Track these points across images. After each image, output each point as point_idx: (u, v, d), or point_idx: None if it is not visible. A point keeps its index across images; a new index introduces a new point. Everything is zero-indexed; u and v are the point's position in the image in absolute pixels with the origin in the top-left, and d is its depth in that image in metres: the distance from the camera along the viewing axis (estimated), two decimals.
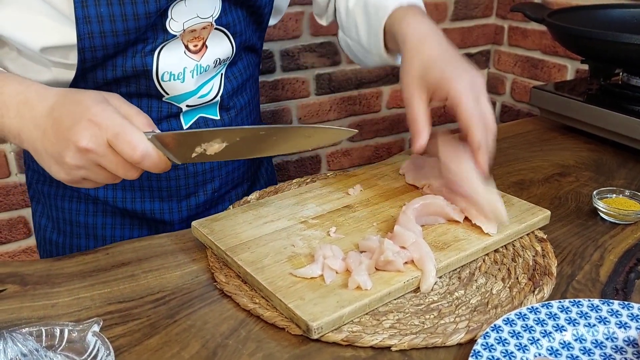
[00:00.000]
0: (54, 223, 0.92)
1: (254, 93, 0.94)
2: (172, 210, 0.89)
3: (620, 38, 0.96)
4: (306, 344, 0.57)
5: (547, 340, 0.54)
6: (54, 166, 0.61)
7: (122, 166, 0.60)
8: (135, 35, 0.72)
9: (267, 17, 0.87)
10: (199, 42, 0.78)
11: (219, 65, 0.82)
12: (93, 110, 0.58)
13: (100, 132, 0.58)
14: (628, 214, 0.78)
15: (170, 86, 0.78)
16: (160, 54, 0.76)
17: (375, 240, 0.66)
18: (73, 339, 0.54)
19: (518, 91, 1.94)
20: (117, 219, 0.89)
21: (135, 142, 0.58)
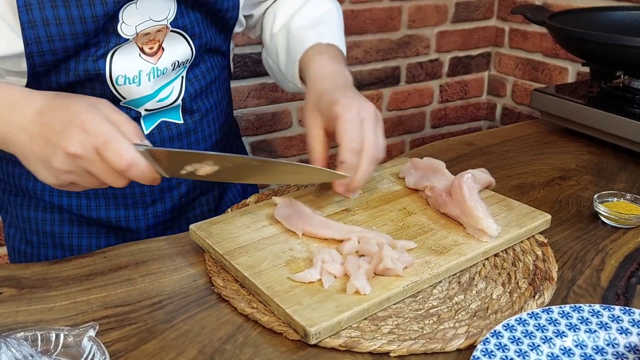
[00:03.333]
0: (21, 233, 0.90)
1: (221, 96, 0.92)
2: (138, 218, 0.87)
3: (621, 41, 0.96)
4: (304, 349, 0.56)
5: (547, 346, 0.54)
6: (41, 170, 0.61)
7: (109, 174, 0.60)
8: (84, 39, 0.70)
9: (232, 20, 0.85)
10: (154, 44, 0.76)
11: (178, 67, 0.81)
12: (83, 117, 0.58)
13: (89, 139, 0.58)
14: (629, 218, 0.78)
15: (126, 90, 0.76)
16: (114, 58, 0.74)
17: (374, 244, 0.66)
18: (69, 343, 0.54)
19: (519, 93, 1.93)
20: (83, 228, 0.88)
21: (123, 151, 0.58)
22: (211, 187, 0.95)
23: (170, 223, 0.91)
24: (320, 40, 0.84)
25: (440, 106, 2.00)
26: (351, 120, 0.69)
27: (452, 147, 1.10)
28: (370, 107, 0.72)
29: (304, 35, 0.85)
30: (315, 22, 0.88)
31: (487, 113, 2.10)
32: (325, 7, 0.91)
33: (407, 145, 2.00)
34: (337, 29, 0.90)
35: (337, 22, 0.91)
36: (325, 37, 0.85)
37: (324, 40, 0.84)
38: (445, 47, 1.92)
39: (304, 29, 0.86)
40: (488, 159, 1.04)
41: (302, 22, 0.88)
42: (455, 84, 2.00)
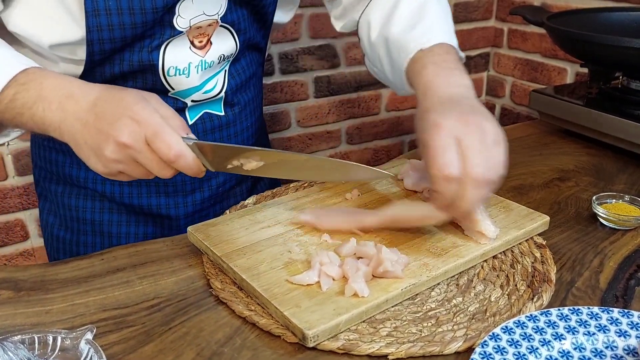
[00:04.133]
0: (60, 220, 0.93)
1: (257, 91, 0.95)
2: (178, 205, 0.90)
3: (620, 42, 0.95)
4: (302, 352, 0.56)
5: (546, 349, 0.54)
6: (92, 158, 0.63)
7: (157, 164, 0.62)
8: (142, 30, 0.73)
9: (270, 16, 0.88)
10: (204, 38, 0.79)
11: (223, 61, 0.83)
12: (134, 108, 0.61)
13: (139, 130, 0.60)
14: (628, 219, 0.78)
15: (176, 81, 0.79)
16: (167, 50, 0.77)
17: (372, 246, 0.66)
18: (66, 346, 0.53)
19: (518, 94, 1.93)
20: (123, 216, 0.90)
21: (172, 142, 0.60)
22: (245, 178, 0.97)
23: (206, 212, 0.93)
24: (422, 46, 0.76)
25: None
26: (437, 147, 0.61)
27: None
28: (470, 120, 0.63)
29: (403, 43, 0.79)
30: (413, 23, 0.80)
31: None
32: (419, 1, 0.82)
33: (406, 146, 2.00)
34: (439, 20, 0.80)
35: (438, 11, 0.82)
36: (428, 37, 0.77)
37: (426, 44, 0.76)
38: None
39: (403, 33, 0.80)
40: None
41: (399, 27, 0.81)
42: None
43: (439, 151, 0.61)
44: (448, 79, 0.71)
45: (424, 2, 0.82)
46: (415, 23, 0.80)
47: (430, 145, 0.62)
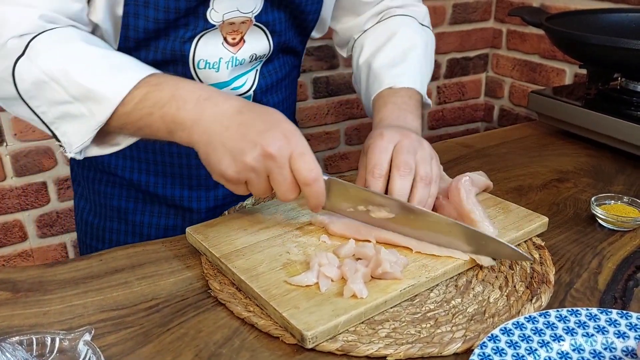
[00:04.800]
0: (91, 205, 0.95)
1: (289, 93, 0.96)
2: (200, 199, 0.91)
3: (618, 43, 0.96)
4: (301, 353, 0.56)
5: (545, 350, 0.54)
6: (227, 161, 0.64)
7: (288, 183, 0.64)
8: (174, 15, 0.74)
9: (311, 24, 0.89)
10: (237, 35, 0.80)
11: (255, 61, 0.84)
12: (285, 125, 0.65)
13: (288, 146, 0.63)
14: (627, 220, 0.78)
15: (205, 74, 0.80)
16: (199, 42, 0.78)
17: (370, 247, 0.66)
18: (64, 348, 0.53)
19: (516, 95, 1.93)
20: (146, 206, 0.92)
21: (314, 165, 0.64)
22: None
23: (227, 207, 0.93)
24: (395, 84, 0.86)
25: (438, 107, 2.00)
26: (376, 148, 0.72)
27: (450, 148, 1.10)
28: (407, 134, 0.73)
29: (380, 76, 0.88)
30: (396, 61, 0.89)
31: (484, 114, 2.10)
32: (410, 43, 0.91)
33: None
34: (418, 67, 0.90)
35: (420, 59, 0.91)
36: (401, 79, 0.86)
37: (399, 84, 0.86)
38: (442, 48, 1.92)
39: (383, 68, 0.89)
40: (485, 160, 1.04)
41: (384, 61, 0.89)
42: (452, 86, 2.00)
43: (375, 153, 0.72)
44: (400, 119, 0.81)
45: (411, 47, 0.91)
46: (397, 63, 0.89)
47: (372, 148, 0.72)
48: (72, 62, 0.66)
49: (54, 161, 1.48)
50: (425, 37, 0.95)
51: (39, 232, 1.53)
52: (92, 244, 0.97)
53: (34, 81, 0.66)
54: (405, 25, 0.93)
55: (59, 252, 1.57)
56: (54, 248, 1.56)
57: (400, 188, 0.70)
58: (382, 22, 0.95)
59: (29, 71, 0.65)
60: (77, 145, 0.68)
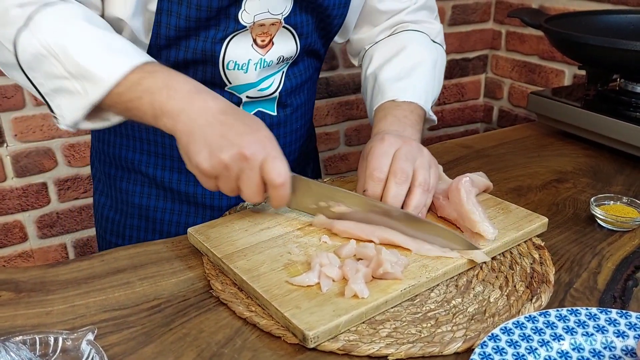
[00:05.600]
0: (112, 201, 0.96)
1: (310, 95, 0.97)
2: (222, 196, 0.92)
3: (617, 44, 0.96)
4: (302, 353, 0.56)
5: (545, 349, 0.54)
6: (204, 154, 0.66)
7: (255, 186, 0.67)
8: (206, 14, 0.75)
9: (335, 28, 0.90)
10: (266, 37, 0.81)
11: (282, 62, 0.86)
12: (264, 132, 0.68)
13: (263, 151, 0.66)
14: (626, 221, 0.78)
15: (234, 75, 0.82)
16: (229, 44, 0.79)
17: (371, 247, 0.66)
18: (67, 347, 0.54)
19: (515, 96, 1.94)
20: (167, 203, 0.93)
21: (283, 170, 0.67)
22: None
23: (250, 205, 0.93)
24: (397, 97, 0.86)
25: (437, 108, 2.01)
26: (378, 152, 0.73)
27: (449, 149, 1.10)
28: (409, 141, 0.75)
29: (384, 88, 0.89)
30: (401, 75, 0.89)
31: (484, 115, 2.11)
32: (419, 58, 0.92)
33: None
34: (424, 83, 0.90)
35: (427, 75, 0.91)
36: (404, 94, 0.87)
37: (400, 98, 0.86)
38: None
39: (389, 81, 0.89)
40: (485, 161, 1.04)
41: (390, 74, 0.90)
42: (452, 87, 2.00)
43: (376, 156, 0.73)
44: (399, 131, 0.81)
45: (419, 63, 0.91)
46: (402, 77, 0.89)
47: (373, 151, 0.74)
48: (72, 39, 0.67)
49: (54, 162, 1.48)
50: (436, 54, 0.95)
51: (40, 233, 1.53)
52: (112, 239, 0.97)
53: (33, 54, 0.67)
54: (416, 40, 0.94)
55: (60, 252, 1.58)
56: (55, 249, 1.56)
57: (395, 195, 0.71)
58: (394, 35, 0.96)
59: (30, 44, 0.67)
60: (69, 119, 0.70)
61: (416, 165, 0.73)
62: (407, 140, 0.75)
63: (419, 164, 0.73)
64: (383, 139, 0.75)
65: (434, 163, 0.76)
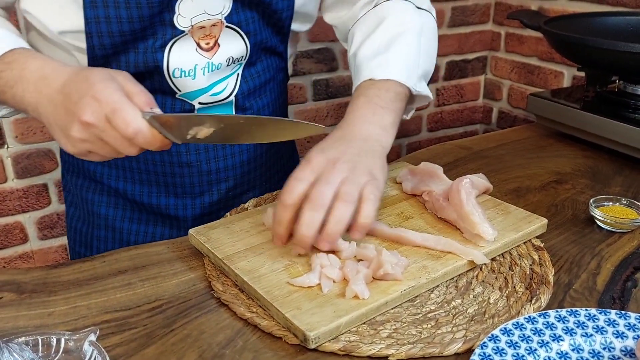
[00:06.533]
0: (80, 212, 0.95)
1: (275, 97, 0.94)
2: (186, 207, 0.91)
3: (616, 46, 0.96)
4: (303, 353, 0.57)
5: (544, 350, 0.54)
6: (62, 139, 0.64)
7: (120, 142, 0.62)
8: (139, 25, 0.73)
9: (287, 21, 0.86)
10: (210, 40, 0.79)
11: (233, 64, 0.83)
12: (97, 86, 0.61)
13: (100, 108, 0.60)
14: (625, 222, 0.78)
15: (181, 83, 0.80)
16: (172, 51, 0.77)
17: (372, 249, 0.66)
18: (70, 348, 0.54)
19: (515, 97, 1.94)
20: (134, 213, 0.92)
21: (129, 118, 0.60)
22: (258, 184, 0.97)
23: (215, 215, 0.92)
24: (373, 76, 0.79)
25: (437, 110, 2.01)
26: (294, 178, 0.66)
27: (449, 151, 1.10)
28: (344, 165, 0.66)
29: (362, 68, 0.82)
30: (380, 50, 0.82)
31: (483, 117, 2.11)
32: (399, 28, 0.84)
33: (404, 149, 2.01)
34: (404, 56, 0.82)
35: (410, 46, 0.83)
36: (380, 71, 0.79)
37: (376, 76, 0.79)
38: (441, 51, 1.93)
39: (366, 59, 0.82)
40: (484, 162, 1.04)
41: (368, 51, 0.83)
42: (451, 88, 2.01)
43: (292, 182, 0.65)
44: (369, 115, 0.75)
45: (400, 33, 0.83)
46: (379, 53, 0.82)
47: (293, 175, 0.66)
48: None
49: (55, 163, 1.48)
50: (421, 21, 0.86)
51: (40, 234, 1.53)
52: (80, 250, 0.96)
53: None
54: (398, 9, 0.86)
55: (60, 254, 1.58)
56: (55, 250, 1.57)
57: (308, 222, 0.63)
58: (375, 8, 0.89)
59: None
60: None
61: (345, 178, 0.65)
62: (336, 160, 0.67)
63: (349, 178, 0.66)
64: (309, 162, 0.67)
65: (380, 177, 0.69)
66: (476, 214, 0.70)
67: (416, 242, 0.69)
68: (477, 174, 0.84)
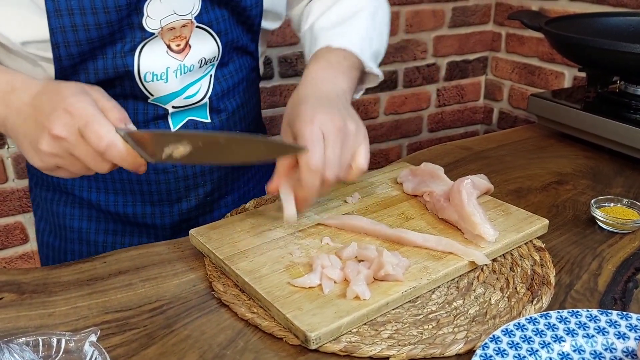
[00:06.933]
0: (50, 227, 0.92)
1: (248, 97, 0.92)
2: (163, 215, 0.89)
3: (617, 46, 0.96)
4: (304, 354, 0.57)
5: (546, 351, 0.54)
6: (30, 152, 0.62)
7: (92, 157, 0.60)
8: (108, 30, 0.71)
9: (256, 19, 0.85)
10: (181, 41, 0.77)
11: (206, 65, 0.81)
12: (69, 100, 0.59)
13: (72, 121, 0.58)
14: (626, 223, 0.78)
15: (154, 87, 0.78)
16: (142, 54, 0.75)
17: (373, 249, 0.66)
18: (70, 349, 0.54)
19: (515, 98, 1.94)
20: (109, 225, 0.89)
21: (103, 132, 0.58)
22: (236, 188, 0.96)
23: (193, 222, 0.91)
24: (331, 44, 0.80)
25: (438, 110, 2.01)
26: (309, 140, 0.66)
27: (450, 151, 1.10)
28: (335, 120, 0.68)
29: (319, 37, 0.83)
30: (337, 23, 0.84)
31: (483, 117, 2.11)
32: (356, 7, 0.86)
33: (405, 149, 2.01)
34: (362, 31, 0.84)
35: (366, 24, 0.85)
36: (338, 40, 0.81)
37: (335, 44, 0.80)
38: (442, 51, 1.93)
39: (324, 29, 0.84)
40: (485, 163, 1.04)
41: (325, 23, 0.85)
42: (452, 88, 2.01)
43: (310, 144, 0.65)
44: (331, 77, 0.75)
45: (358, 11, 0.86)
46: (338, 24, 0.84)
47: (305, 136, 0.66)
48: None
49: None
50: (376, 4, 0.89)
51: None
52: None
53: None
54: None
55: None
56: None
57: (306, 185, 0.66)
58: None
59: None
60: None
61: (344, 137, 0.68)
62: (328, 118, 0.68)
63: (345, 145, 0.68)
64: (313, 119, 0.67)
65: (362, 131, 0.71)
66: (477, 215, 0.70)
67: (417, 242, 0.69)
68: (478, 175, 0.84)
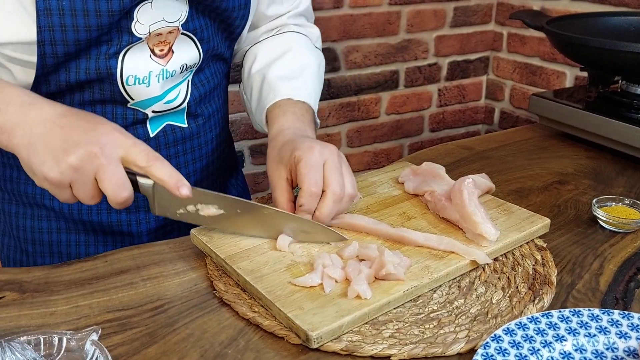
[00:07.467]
0: (16, 242, 0.90)
1: (221, 103, 0.94)
2: (140, 221, 0.88)
3: (618, 46, 0.96)
4: (305, 353, 0.57)
5: (547, 350, 0.54)
6: (49, 161, 0.62)
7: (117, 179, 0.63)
8: (97, 33, 0.71)
9: (238, 29, 0.87)
10: (165, 46, 0.77)
11: (186, 71, 0.82)
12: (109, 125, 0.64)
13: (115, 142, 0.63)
14: (627, 222, 0.78)
15: (135, 90, 0.78)
16: (125, 57, 0.75)
17: (374, 248, 0.66)
18: (71, 347, 0.54)
19: (517, 97, 1.94)
20: (81, 236, 0.88)
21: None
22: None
23: (170, 227, 0.91)
24: (292, 96, 0.85)
25: (439, 110, 2.01)
26: (312, 164, 0.70)
27: (451, 151, 1.10)
28: (332, 148, 0.73)
29: (277, 87, 0.86)
30: (291, 75, 0.88)
31: (485, 117, 2.11)
32: (304, 61, 0.91)
33: (406, 149, 2.01)
34: (313, 84, 0.90)
35: (314, 77, 0.91)
36: (298, 93, 0.86)
37: (296, 97, 0.85)
38: (443, 51, 1.93)
39: (279, 80, 0.87)
40: (486, 163, 1.04)
41: (279, 72, 0.88)
42: (453, 88, 2.01)
43: (312, 169, 0.70)
44: (301, 130, 0.81)
45: (307, 64, 0.91)
46: (294, 77, 0.89)
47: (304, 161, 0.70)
48: None
49: None
50: (318, 58, 0.95)
51: None
52: None
53: None
54: (300, 43, 0.94)
55: None
56: None
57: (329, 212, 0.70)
58: (278, 35, 0.95)
59: None
60: None
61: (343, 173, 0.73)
62: (325, 145, 0.73)
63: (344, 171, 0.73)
64: (312, 147, 0.71)
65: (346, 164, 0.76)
66: (478, 214, 0.70)
67: (418, 242, 0.69)
68: (479, 174, 0.84)
